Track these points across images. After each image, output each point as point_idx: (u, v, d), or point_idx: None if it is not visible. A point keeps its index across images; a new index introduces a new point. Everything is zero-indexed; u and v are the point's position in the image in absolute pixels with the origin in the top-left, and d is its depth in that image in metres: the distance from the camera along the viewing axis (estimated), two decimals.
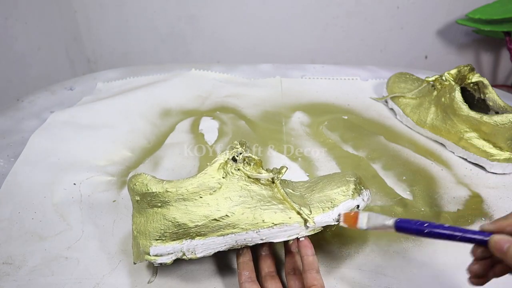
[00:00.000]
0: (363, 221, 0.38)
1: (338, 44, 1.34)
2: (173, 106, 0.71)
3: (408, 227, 0.34)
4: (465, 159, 0.59)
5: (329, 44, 1.33)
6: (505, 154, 0.56)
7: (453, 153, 0.61)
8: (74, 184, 0.53)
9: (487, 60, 1.39)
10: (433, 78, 0.63)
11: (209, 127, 0.66)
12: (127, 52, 1.35)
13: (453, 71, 0.61)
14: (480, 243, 0.31)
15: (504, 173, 0.56)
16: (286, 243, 0.42)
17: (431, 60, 1.38)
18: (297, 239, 0.40)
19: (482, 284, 0.32)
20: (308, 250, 0.39)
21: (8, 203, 0.49)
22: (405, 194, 0.53)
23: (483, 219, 0.49)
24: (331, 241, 0.46)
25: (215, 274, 0.42)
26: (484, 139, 0.57)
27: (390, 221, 0.36)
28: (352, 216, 0.39)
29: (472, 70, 0.62)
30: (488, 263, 0.32)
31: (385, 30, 1.31)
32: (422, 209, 0.51)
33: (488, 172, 0.57)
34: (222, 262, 0.43)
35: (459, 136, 0.59)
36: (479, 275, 0.32)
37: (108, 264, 0.43)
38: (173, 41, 1.32)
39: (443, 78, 0.61)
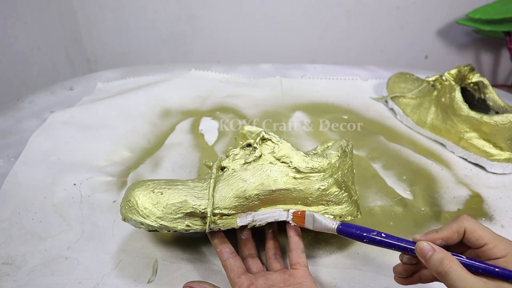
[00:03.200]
0: (309, 221, 0.40)
1: (338, 44, 1.33)
2: (173, 106, 0.71)
3: (349, 232, 0.36)
4: (465, 159, 0.59)
5: (329, 44, 1.33)
6: (505, 154, 0.56)
7: (453, 153, 0.61)
8: (74, 184, 0.52)
9: (487, 60, 1.39)
10: (433, 78, 0.63)
11: (209, 127, 0.66)
12: (127, 52, 1.35)
13: (453, 71, 0.61)
14: (411, 252, 0.33)
15: (504, 173, 0.57)
16: (266, 230, 0.44)
17: (431, 60, 1.38)
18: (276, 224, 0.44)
19: (404, 284, 0.35)
20: (294, 231, 0.42)
21: (8, 203, 0.49)
22: (405, 193, 0.53)
23: (483, 219, 0.49)
24: (331, 241, 0.46)
25: (215, 274, 0.42)
26: (484, 139, 0.57)
27: (334, 225, 0.38)
28: (299, 216, 0.41)
29: (472, 70, 0.62)
30: (412, 268, 0.35)
31: (385, 30, 1.31)
32: (423, 208, 0.51)
33: (488, 172, 0.57)
34: None
35: (459, 136, 0.59)
36: (402, 275, 0.35)
37: (108, 264, 0.43)
38: (173, 41, 1.32)
39: (443, 78, 0.61)
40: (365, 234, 0.35)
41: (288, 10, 1.26)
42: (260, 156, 0.41)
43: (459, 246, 0.33)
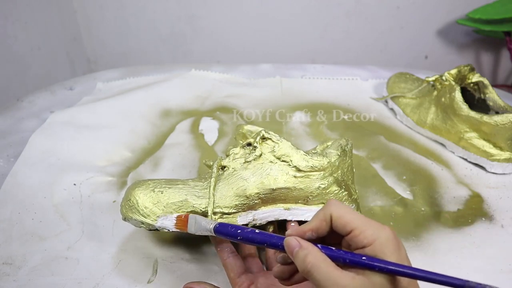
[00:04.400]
0: (191, 224, 0.37)
1: (338, 44, 1.33)
2: (173, 106, 0.71)
3: (225, 232, 0.34)
4: (465, 159, 0.59)
5: (329, 44, 1.33)
6: (505, 154, 0.56)
7: (453, 153, 0.61)
8: (74, 184, 0.52)
9: (487, 60, 1.39)
10: (433, 78, 0.63)
11: (209, 127, 0.66)
12: (127, 52, 1.35)
13: (453, 71, 0.61)
14: (282, 249, 0.30)
15: (504, 173, 0.57)
16: (267, 228, 0.44)
17: (431, 60, 1.38)
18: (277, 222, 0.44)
19: (288, 285, 0.32)
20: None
21: (8, 204, 0.49)
22: (405, 193, 0.53)
23: (483, 218, 0.49)
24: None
25: (215, 274, 0.42)
26: (484, 139, 0.57)
27: (211, 225, 0.35)
28: (183, 220, 0.38)
29: (472, 70, 0.62)
30: (290, 268, 0.31)
31: (385, 30, 1.31)
32: (423, 208, 0.51)
33: (488, 172, 0.57)
34: None
35: (459, 136, 0.59)
36: (283, 277, 0.32)
37: (108, 264, 0.43)
38: (173, 41, 1.32)
39: (443, 78, 0.61)
40: (239, 231, 0.33)
41: (288, 10, 1.26)
42: (260, 155, 0.41)
43: (336, 236, 0.30)
